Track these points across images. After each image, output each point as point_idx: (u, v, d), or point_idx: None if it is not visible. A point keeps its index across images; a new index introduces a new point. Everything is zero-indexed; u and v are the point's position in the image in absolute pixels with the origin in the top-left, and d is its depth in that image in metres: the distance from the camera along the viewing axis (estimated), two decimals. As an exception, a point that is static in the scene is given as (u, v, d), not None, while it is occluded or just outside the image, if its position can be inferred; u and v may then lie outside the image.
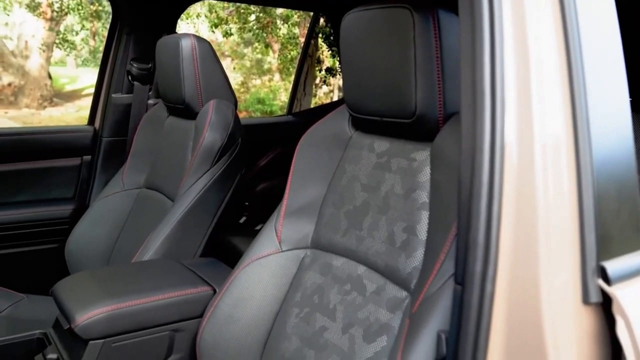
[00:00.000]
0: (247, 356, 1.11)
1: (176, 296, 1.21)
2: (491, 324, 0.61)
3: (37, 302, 1.72)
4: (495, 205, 0.61)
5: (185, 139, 1.68)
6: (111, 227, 1.81)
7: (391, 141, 1.05)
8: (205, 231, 1.58)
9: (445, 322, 0.76)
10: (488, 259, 0.61)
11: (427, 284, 0.83)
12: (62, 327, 1.20)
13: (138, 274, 1.32)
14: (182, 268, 1.36)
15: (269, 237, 1.18)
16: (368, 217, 1.03)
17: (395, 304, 0.92)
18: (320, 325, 1.01)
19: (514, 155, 0.62)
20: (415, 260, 0.92)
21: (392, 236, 0.97)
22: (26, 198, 2.02)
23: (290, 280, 1.13)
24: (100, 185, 2.07)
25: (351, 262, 1.04)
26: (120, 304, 1.15)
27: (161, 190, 1.73)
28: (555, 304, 0.61)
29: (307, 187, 1.18)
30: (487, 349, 0.61)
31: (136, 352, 1.16)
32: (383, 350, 0.90)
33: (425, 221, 0.93)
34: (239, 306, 1.13)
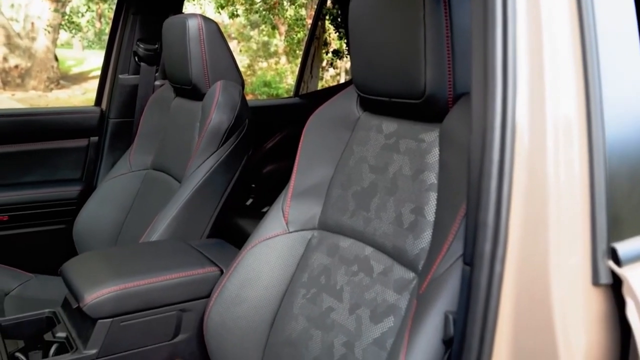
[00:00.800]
0: (254, 336, 1.12)
1: (183, 276, 1.22)
2: (500, 304, 0.61)
3: (46, 282, 1.74)
4: (506, 184, 0.61)
5: (192, 120, 1.68)
6: (118, 208, 1.81)
7: (400, 122, 1.04)
8: (212, 212, 1.58)
9: (453, 303, 0.76)
10: (497, 239, 0.61)
11: (435, 265, 0.83)
12: (70, 306, 1.21)
13: (145, 254, 1.33)
14: (190, 249, 1.37)
15: (276, 219, 1.18)
16: (376, 198, 1.02)
17: (403, 285, 0.92)
18: (327, 306, 1.02)
19: (525, 135, 0.62)
20: (423, 241, 0.92)
21: (400, 217, 0.96)
22: (34, 179, 2.03)
23: (297, 261, 1.13)
24: (107, 166, 2.08)
25: (358, 243, 1.03)
26: (128, 284, 1.15)
27: (168, 172, 1.73)
28: (564, 285, 0.61)
29: (315, 169, 1.18)
30: (495, 329, 0.61)
31: (144, 331, 1.17)
32: (390, 330, 0.90)
33: (434, 202, 0.92)
34: (246, 287, 1.14)
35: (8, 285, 1.70)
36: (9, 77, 8.95)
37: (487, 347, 0.61)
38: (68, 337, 1.17)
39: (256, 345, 1.11)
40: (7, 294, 1.66)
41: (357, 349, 0.93)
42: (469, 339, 0.63)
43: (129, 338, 1.16)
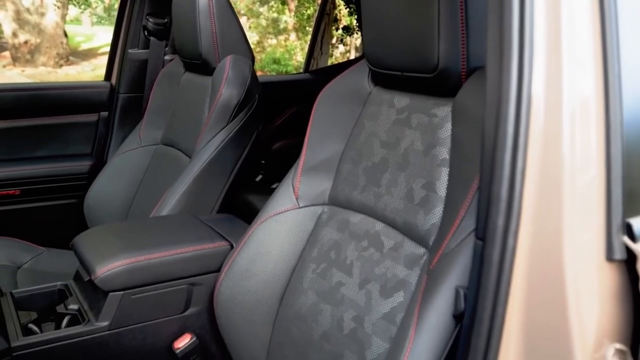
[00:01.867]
0: (264, 310, 1.12)
1: (194, 250, 1.22)
2: (512, 278, 0.61)
3: (58, 256, 1.76)
4: (520, 157, 0.60)
5: (202, 95, 1.67)
6: (129, 183, 1.82)
7: (412, 97, 1.03)
8: (222, 188, 1.58)
9: (463, 278, 0.76)
10: (511, 213, 0.60)
11: (446, 241, 0.83)
12: (82, 279, 1.22)
13: (156, 229, 1.33)
14: (200, 223, 1.37)
15: (286, 194, 1.17)
16: (387, 173, 1.02)
17: (413, 260, 0.92)
18: (337, 281, 1.02)
19: (541, 110, 0.61)
20: (434, 217, 0.91)
21: (411, 193, 0.96)
22: (45, 154, 2.05)
23: (307, 236, 1.13)
24: (117, 141, 2.08)
25: (369, 218, 1.03)
26: (139, 257, 1.16)
27: (178, 147, 1.73)
28: (578, 260, 0.60)
29: (325, 144, 1.17)
30: (507, 303, 0.61)
31: (155, 304, 1.18)
32: (400, 305, 0.90)
33: (445, 178, 0.91)
34: (256, 261, 1.14)
35: (20, 258, 1.72)
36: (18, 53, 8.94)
37: (499, 322, 0.61)
38: (80, 309, 1.19)
39: (266, 319, 1.12)
40: (20, 267, 1.68)
41: (366, 324, 0.93)
42: (480, 313, 0.63)
43: (140, 311, 1.17)
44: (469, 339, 0.64)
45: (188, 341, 1.22)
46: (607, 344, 0.61)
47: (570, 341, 0.60)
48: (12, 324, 1.12)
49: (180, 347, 1.21)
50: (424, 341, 0.76)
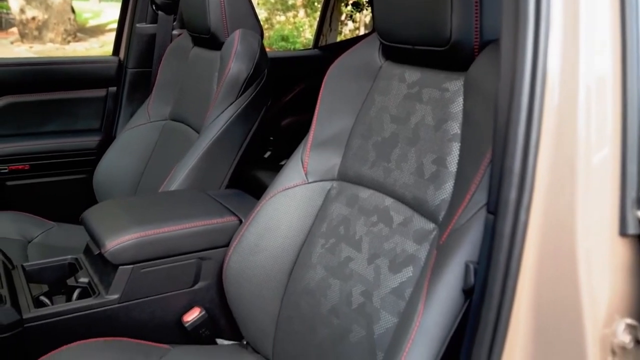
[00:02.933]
0: (273, 285, 1.13)
1: (203, 225, 1.23)
2: (523, 252, 0.60)
3: (67, 230, 1.77)
4: (534, 130, 0.59)
5: (211, 70, 1.66)
6: (138, 158, 1.82)
7: (423, 71, 1.02)
8: (231, 163, 1.58)
9: (473, 253, 0.76)
10: (523, 187, 0.60)
11: (456, 216, 0.82)
12: (92, 253, 1.23)
13: (165, 203, 1.34)
14: (208, 198, 1.37)
15: (295, 169, 1.17)
16: (397, 148, 1.01)
17: (422, 235, 0.92)
18: (346, 256, 1.02)
19: (556, 83, 0.60)
20: (445, 192, 0.90)
21: (421, 168, 0.95)
22: (54, 129, 2.05)
23: (316, 211, 1.13)
24: (126, 116, 2.08)
25: (378, 194, 1.03)
26: (148, 231, 1.16)
27: (186, 122, 1.73)
28: (591, 234, 0.59)
29: (335, 118, 1.16)
30: (518, 277, 0.60)
31: (164, 278, 1.19)
32: (409, 280, 0.90)
33: (456, 153, 0.91)
34: (265, 236, 1.14)
35: (31, 233, 1.73)
36: (26, 30, 8.92)
37: (509, 296, 0.61)
38: (90, 282, 1.20)
39: (274, 293, 1.13)
40: (30, 242, 1.70)
41: (375, 298, 0.93)
42: (491, 288, 0.62)
43: (149, 284, 1.18)
44: (478, 313, 0.64)
45: (197, 315, 1.23)
46: (618, 319, 0.61)
47: (581, 316, 0.59)
48: (23, 296, 1.13)
49: (189, 320, 1.22)
50: (433, 315, 0.76)
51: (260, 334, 1.15)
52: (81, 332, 1.10)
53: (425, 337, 0.75)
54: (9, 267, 1.23)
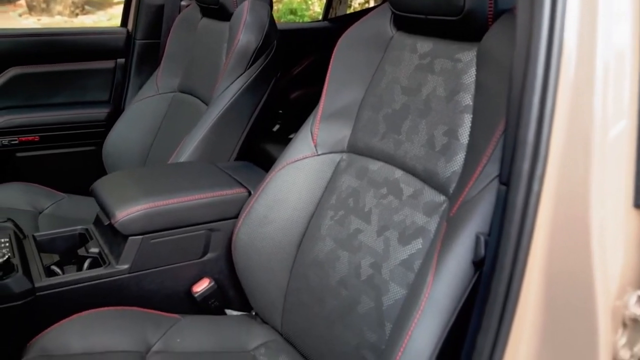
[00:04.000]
0: (281, 256, 1.13)
1: (212, 197, 1.23)
2: (535, 224, 0.59)
3: (77, 202, 1.78)
4: (549, 100, 0.58)
5: (220, 41, 1.64)
6: (146, 130, 1.82)
7: (435, 41, 1.00)
8: (240, 135, 1.57)
9: (484, 225, 0.75)
10: (537, 157, 0.59)
11: (467, 188, 0.81)
12: (102, 223, 1.24)
13: (174, 175, 1.34)
14: (217, 170, 1.37)
15: (305, 141, 1.16)
16: (407, 120, 1.00)
17: (433, 208, 0.91)
18: (355, 228, 1.02)
19: (573, 56, 0.58)
20: (455, 164, 0.89)
21: (432, 140, 0.94)
22: (63, 100, 2.05)
23: (325, 183, 1.12)
24: (134, 88, 2.07)
25: (388, 166, 1.02)
26: (158, 202, 1.17)
27: (195, 94, 1.72)
28: (605, 206, 0.59)
29: (345, 90, 1.15)
30: (530, 248, 0.60)
31: (174, 248, 1.20)
32: (418, 252, 0.90)
33: (468, 124, 0.89)
34: (274, 208, 1.14)
35: (41, 204, 1.74)
36: (34, 2, 8.86)
37: (520, 267, 0.61)
38: (101, 252, 1.21)
39: (283, 265, 1.13)
40: (41, 213, 1.71)
41: (384, 270, 0.93)
42: (502, 259, 0.62)
43: (159, 255, 1.18)
44: (489, 284, 0.64)
45: (206, 285, 1.23)
46: (630, 291, 0.60)
47: (592, 287, 0.59)
48: (35, 266, 1.14)
49: (198, 291, 1.23)
50: (442, 287, 0.76)
51: (269, 305, 1.15)
52: (92, 301, 1.11)
53: (434, 307, 0.75)
54: (20, 236, 1.24)
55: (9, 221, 1.27)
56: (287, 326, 1.12)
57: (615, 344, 0.60)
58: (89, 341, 1.01)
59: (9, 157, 1.94)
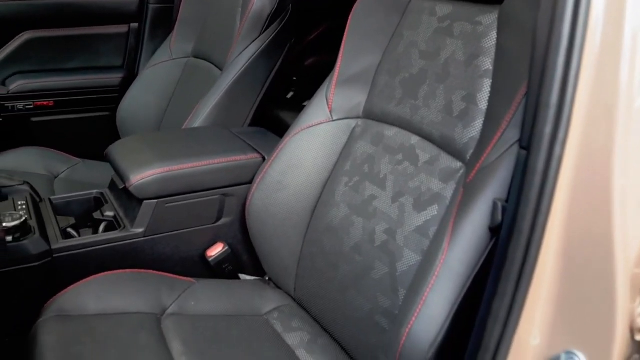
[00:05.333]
0: (295, 222, 1.13)
1: (226, 162, 1.22)
2: (556, 188, 0.58)
3: (92, 167, 1.79)
4: (574, 62, 0.56)
5: (234, 5, 1.61)
6: (160, 95, 1.81)
7: (455, 4, 0.97)
8: (254, 101, 1.56)
9: (502, 191, 0.74)
10: (560, 121, 0.57)
11: (485, 154, 0.80)
12: (117, 187, 1.24)
13: (189, 139, 1.33)
14: (232, 135, 1.36)
15: (320, 106, 1.15)
16: (425, 85, 0.98)
17: (449, 174, 0.90)
18: (370, 194, 1.01)
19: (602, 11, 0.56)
20: (473, 130, 0.88)
21: (450, 105, 0.92)
22: (77, 65, 2.04)
23: (340, 149, 1.11)
24: (148, 53, 2.05)
25: (404, 132, 1.01)
26: (172, 167, 1.17)
27: (209, 59, 1.70)
28: (627, 175, 0.57)
29: (361, 55, 1.13)
30: (549, 214, 0.59)
31: (188, 213, 1.20)
32: (433, 219, 0.89)
33: (487, 89, 0.88)
34: (288, 173, 1.14)
35: (57, 168, 1.75)
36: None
37: (538, 234, 0.60)
38: (116, 216, 1.21)
39: (297, 230, 1.13)
40: (57, 177, 1.72)
41: (398, 236, 0.93)
42: (520, 225, 0.61)
43: (173, 219, 1.19)
44: (505, 250, 0.63)
45: (220, 250, 1.24)
46: (650, 259, 0.59)
47: (612, 255, 0.58)
48: (51, 228, 1.15)
49: (212, 255, 1.24)
50: (457, 253, 0.75)
51: (282, 270, 1.16)
52: (108, 264, 1.13)
53: (449, 273, 0.74)
54: (36, 199, 1.25)
55: (26, 184, 1.28)
56: (300, 291, 1.13)
57: (633, 312, 0.59)
58: (104, 302, 1.03)
59: (25, 122, 1.95)
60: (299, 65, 2.38)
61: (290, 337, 1.06)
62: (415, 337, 0.74)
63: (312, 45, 2.43)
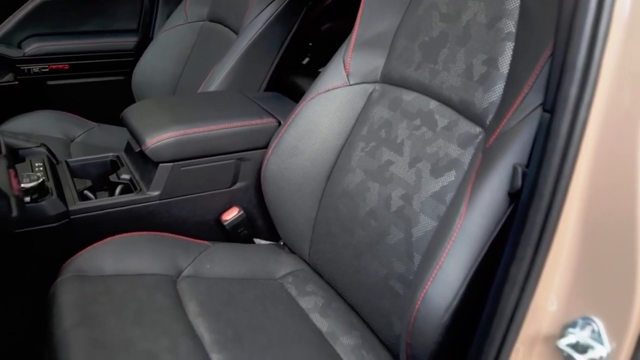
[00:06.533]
0: (311, 187, 1.12)
1: (242, 126, 1.22)
2: (579, 152, 0.57)
3: (108, 131, 1.80)
4: (603, 22, 0.54)
5: (250, -33, 1.59)
6: (176, 59, 1.80)
7: (478, -36, 0.95)
8: (270, 65, 1.54)
9: (522, 156, 0.73)
10: (586, 83, 0.56)
11: (506, 119, 0.79)
12: (133, 150, 1.24)
13: (204, 103, 1.33)
14: (247, 100, 1.36)
15: (337, 70, 1.13)
16: (445, 49, 0.96)
17: (468, 139, 0.89)
18: (386, 159, 1.00)
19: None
20: (494, 94, 0.86)
21: (470, 69, 0.90)
22: (92, 28, 2.03)
23: (357, 114, 1.10)
24: (163, 17, 2.04)
25: (422, 96, 0.99)
26: (188, 130, 1.16)
27: (225, 23, 1.68)
28: (654, 136, 0.56)
29: (379, 18, 1.11)
30: (572, 178, 0.57)
31: (204, 177, 1.20)
32: (450, 184, 0.88)
33: (509, 53, 0.85)
34: (304, 138, 1.13)
35: (73, 132, 1.76)
36: None
37: (559, 198, 0.59)
38: (132, 179, 1.22)
39: (312, 196, 1.13)
40: (73, 141, 1.73)
41: (415, 202, 0.92)
42: (541, 189, 0.60)
43: (189, 182, 1.19)
44: (525, 215, 0.62)
45: (235, 214, 1.25)
46: (674, 226, 0.58)
47: (635, 220, 0.57)
48: (68, 190, 1.16)
49: (228, 219, 1.24)
50: (475, 218, 0.75)
51: (297, 235, 1.16)
52: (124, 226, 1.13)
53: (466, 238, 0.74)
54: (53, 162, 1.25)
55: (43, 146, 1.29)
56: (315, 256, 1.13)
57: (654, 279, 0.59)
58: (121, 263, 1.04)
59: (40, 85, 1.95)
60: (315, 31, 2.35)
61: (304, 301, 1.06)
62: (431, 301, 0.74)
63: (328, 10, 2.39)
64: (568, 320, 0.60)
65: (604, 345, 0.56)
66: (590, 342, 0.56)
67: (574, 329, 0.58)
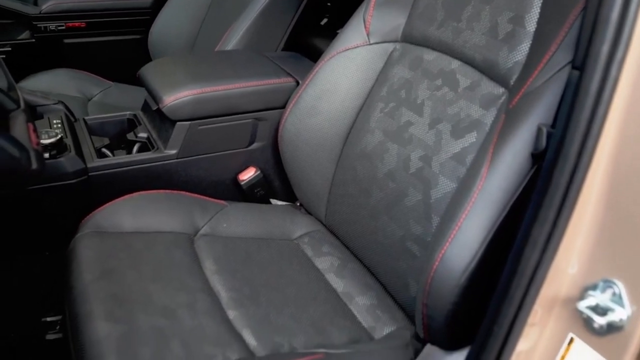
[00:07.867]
0: (328, 147, 1.12)
1: (259, 85, 1.21)
2: (608, 112, 0.55)
3: (125, 90, 1.79)
4: (641, -26, 0.52)
5: None
6: (192, 18, 1.78)
7: None
8: (287, 25, 1.52)
9: (547, 117, 0.71)
10: (619, 39, 0.54)
11: (531, 78, 0.76)
12: (150, 109, 1.24)
13: (222, 62, 1.31)
14: (265, 59, 1.34)
15: (357, 29, 1.11)
16: (469, 6, 0.93)
17: (490, 100, 0.87)
18: (406, 120, 0.98)
19: None
20: (519, 54, 0.84)
21: (495, 27, 0.88)
22: (108, -14, 2.01)
23: (376, 74, 1.08)
24: (180, -26, 2.00)
25: (444, 56, 0.97)
26: (205, 88, 1.15)
27: (243, -20, 1.65)
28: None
29: (402, -25, 1.08)
30: (599, 138, 0.56)
31: (221, 136, 1.20)
32: (471, 146, 0.87)
33: (537, 10, 0.83)
34: (322, 98, 1.11)
35: (90, 91, 1.76)
36: None
37: (586, 158, 0.57)
38: (149, 137, 1.22)
39: (330, 156, 1.12)
40: (90, 100, 1.73)
41: (434, 163, 0.91)
42: (567, 149, 0.58)
43: (206, 142, 1.19)
44: (549, 176, 0.61)
45: (252, 174, 1.24)
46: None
47: (662, 183, 0.55)
48: (87, 147, 1.16)
49: (244, 179, 1.24)
50: (496, 179, 0.73)
51: (314, 195, 1.16)
52: (141, 184, 1.14)
53: (487, 200, 0.73)
54: (71, 119, 1.26)
55: (60, 103, 1.29)
56: (331, 217, 1.13)
57: (678, 243, 0.57)
58: (139, 220, 1.05)
59: (57, 43, 1.94)
60: (334, -10, 2.30)
61: (320, 262, 1.07)
62: (449, 262, 0.74)
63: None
64: (588, 282, 0.59)
65: (625, 308, 0.55)
66: (611, 304, 0.56)
67: (594, 291, 0.57)
